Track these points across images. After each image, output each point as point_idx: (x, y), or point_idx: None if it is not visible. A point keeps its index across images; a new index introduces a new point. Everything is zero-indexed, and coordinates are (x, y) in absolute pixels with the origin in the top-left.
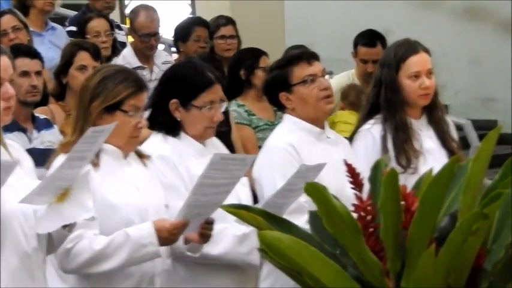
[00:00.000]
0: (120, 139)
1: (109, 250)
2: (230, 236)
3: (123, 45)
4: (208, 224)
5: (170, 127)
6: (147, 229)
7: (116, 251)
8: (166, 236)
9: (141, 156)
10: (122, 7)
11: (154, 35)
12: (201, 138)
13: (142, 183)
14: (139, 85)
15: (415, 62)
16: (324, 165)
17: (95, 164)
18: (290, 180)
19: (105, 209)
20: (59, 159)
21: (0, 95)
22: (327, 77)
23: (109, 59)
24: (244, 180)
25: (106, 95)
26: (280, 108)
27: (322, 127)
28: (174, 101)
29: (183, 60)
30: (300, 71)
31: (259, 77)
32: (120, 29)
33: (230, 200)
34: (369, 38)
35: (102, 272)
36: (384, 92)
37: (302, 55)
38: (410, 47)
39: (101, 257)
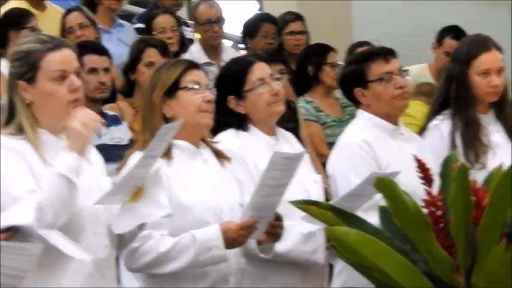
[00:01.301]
0: (191, 117)
1: (174, 252)
2: (295, 234)
3: (191, 42)
4: (278, 221)
5: (237, 123)
6: (213, 232)
7: (180, 254)
8: (234, 237)
9: (220, 155)
10: (190, 5)
11: (216, 22)
12: (270, 119)
13: (218, 182)
14: (190, 63)
15: (486, 60)
16: (398, 173)
17: (168, 157)
18: (359, 186)
19: (178, 208)
20: (134, 157)
21: (67, 87)
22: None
23: (177, 55)
24: (317, 178)
25: (162, 81)
26: (355, 103)
27: (396, 124)
28: (230, 97)
29: None
30: (377, 68)
31: (327, 73)
32: (187, 25)
33: (300, 196)
34: (457, 32)
35: (165, 273)
36: (454, 87)
37: (380, 51)
38: (482, 44)
39: (165, 258)
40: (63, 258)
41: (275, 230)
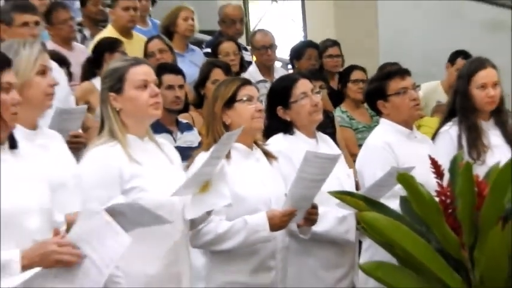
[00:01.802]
0: (246, 123)
1: (229, 233)
2: (332, 217)
3: (249, 63)
4: (314, 209)
5: (285, 128)
6: (261, 218)
7: (234, 235)
8: (277, 223)
9: (268, 155)
10: (248, 32)
11: (270, 47)
12: (311, 125)
13: (268, 177)
14: (244, 80)
15: (483, 76)
16: (413, 168)
17: (228, 157)
18: (382, 178)
19: (235, 199)
20: (200, 157)
21: (148, 93)
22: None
23: (237, 74)
24: (349, 172)
25: (222, 95)
26: (378, 113)
27: (411, 128)
28: (279, 107)
29: None
30: (395, 84)
31: (350, 88)
32: (246, 50)
33: (336, 187)
34: (466, 54)
35: (222, 250)
36: (458, 99)
37: (397, 71)
38: (480, 63)
39: (222, 238)
40: (150, 243)
41: (312, 216)
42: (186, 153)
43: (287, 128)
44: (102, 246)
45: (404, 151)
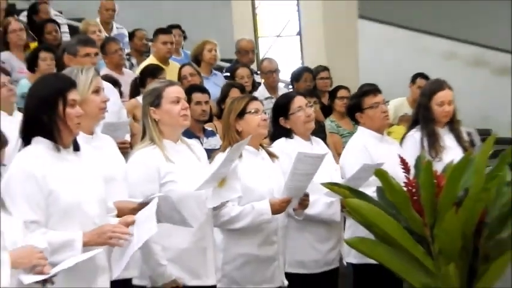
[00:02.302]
0: (253, 130)
1: (240, 216)
2: (322, 203)
3: (259, 84)
4: (306, 197)
5: (286, 134)
6: (265, 204)
7: (244, 217)
8: (277, 208)
9: (271, 155)
10: (258, 60)
11: (275, 72)
12: (306, 131)
13: (271, 172)
14: (252, 97)
15: (441, 95)
16: (383, 164)
17: (240, 156)
18: (358, 172)
19: (245, 189)
20: (218, 157)
21: (180, 107)
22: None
23: (250, 92)
24: (337, 167)
25: (235, 108)
26: (356, 122)
27: (382, 134)
28: (281, 118)
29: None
30: (369, 100)
31: (337, 103)
32: (256, 74)
33: (326, 179)
34: (425, 75)
35: (235, 228)
36: (421, 112)
37: (370, 90)
38: (439, 85)
39: (235, 219)
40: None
41: (304, 202)
42: (210, 154)
43: (288, 133)
44: (142, 228)
45: (378, 151)
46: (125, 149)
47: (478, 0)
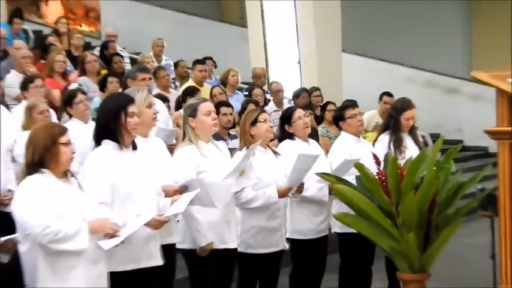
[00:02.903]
0: (262, 135)
1: (254, 198)
2: (315, 188)
3: (269, 101)
4: (301, 185)
5: (290, 137)
6: (273, 190)
7: (258, 199)
8: (282, 193)
9: (275, 152)
10: (268, 83)
11: (280, 91)
12: (304, 135)
13: (275, 166)
14: (262, 109)
15: (409, 113)
16: (359, 159)
17: (254, 154)
18: (338, 167)
19: (257, 179)
20: (237, 154)
21: (211, 118)
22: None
23: (263, 107)
24: (326, 161)
25: (249, 118)
26: (340, 128)
27: (359, 137)
28: (286, 125)
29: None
30: (349, 112)
31: (327, 114)
32: (267, 93)
33: (319, 170)
34: (390, 94)
35: (251, 207)
36: (392, 122)
37: (350, 104)
38: (408, 104)
39: (250, 201)
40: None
41: (300, 189)
42: (232, 152)
43: (291, 136)
44: (178, 205)
45: (356, 150)
46: (172, 149)
47: (429, 38)
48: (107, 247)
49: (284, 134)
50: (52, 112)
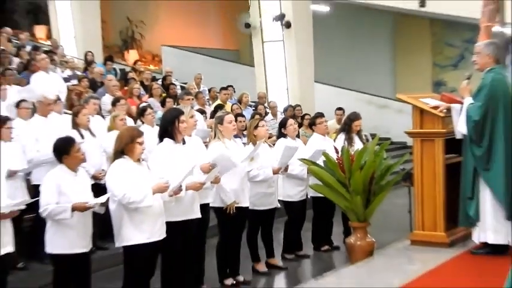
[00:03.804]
0: (262, 135)
1: (259, 175)
2: (298, 168)
3: (268, 113)
4: (287, 166)
5: (284, 136)
6: (269, 169)
7: (260, 175)
8: (275, 172)
9: (270, 146)
10: (268, 101)
11: (276, 107)
12: (293, 135)
13: (270, 153)
14: (261, 119)
15: (357, 122)
16: (325, 150)
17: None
18: (312, 155)
19: (260, 163)
20: (248, 147)
21: (231, 124)
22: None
23: (263, 117)
24: (305, 151)
25: (253, 124)
26: (313, 131)
27: (325, 136)
28: (282, 128)
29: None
30: (318, 120)
31: (304, 122)
32: (267, 107)
33: (300, 157)
34: (341, 108)
35: (255, 181)
36: (346, 128)
37: (319, 115)
38: (356, 116)
39: (256, 176)
40: (233, 176)
41: (286, 168)
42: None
43: (285, 136)
44: (211, 173)
45: (323, 145)
46: (206, 144)
47: (367, 70)
48: (168, 199)
49: (281, 134)
50: (130, 120)
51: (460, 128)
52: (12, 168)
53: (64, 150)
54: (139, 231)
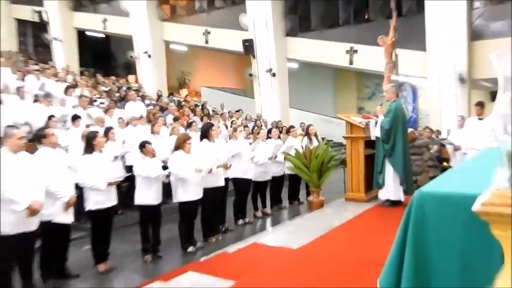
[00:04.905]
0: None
1: (259, 161)
2: (280, 156)
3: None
4: (276, 156)
5: (268, 137)
6: (265, 158)
7: (260, 160)
8: (269, 159)
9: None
10: (261, 118)
11: (266, 122)
12: (275, 137)
13: (266, 149)
14: (260, 128)
15: (311, 128)
16: (291, 146)
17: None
18: (286, 149)
19: (259, 154)
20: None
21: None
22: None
23: (260, 128)
24: (283, 147)
25: (254, 132)
26: (288, 135)
27: (295, 138)
28: (268, 133)
29: None
30: (292, 129)
31: (283, 130)
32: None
33: (282, 151)
34: (303, 123)
35: (257, 163)
36: (307, 133)
37: (292, 126)
38: (311, 125)
39: (257, 161)
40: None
41: (274, 157)
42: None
43: (270, 138)
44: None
45: (295, 143)
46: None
47: (316, 98)
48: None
49: (268, 137)
50: (182, 129)
51: (376, 133)
52: (115, 154)
53: (144, 146)
54: (186, 192)
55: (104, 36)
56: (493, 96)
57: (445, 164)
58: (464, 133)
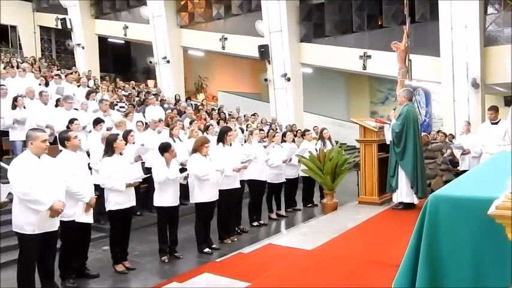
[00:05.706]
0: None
1: (274, 163)
2: (295, 159)
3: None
4: (291, 159)
5: (283, 141)
6: (280, 160)
7: (274, 163)
8: (284, 161)
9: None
10: (276, 121)
11: (281, 125)
12: (289, 141)
13: (280, 153)
14: (275, 132)
15: (325, 132)
16: (306, 149)
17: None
18: (300, 151)
19: (274, 157)
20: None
21: None
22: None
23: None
24: (298, 150)
25: (269, 135)
26: (303, 138)
27: (310, 142)
28: (283, 137)
29: None
30: (307, 133)
31: (298, 133)
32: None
33: (297, 153)
34: (317, 127)
35: (272, 166)
36: (320, 136)
37: (306, 130)
38: (324, 128)
39: (272, 164)
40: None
41: (290, 160)
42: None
43: (284, 141)
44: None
45: (309, 146)
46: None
47: (331, 104)
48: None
49: (282, 141)
50: (199, 132)
51: (389, 136)
52: (134, 155)
53: (165, 149)
54: (202, 194)
55: (124, 42)
56: (507, 101)
57: (458, 168)
58: (470, 138)
